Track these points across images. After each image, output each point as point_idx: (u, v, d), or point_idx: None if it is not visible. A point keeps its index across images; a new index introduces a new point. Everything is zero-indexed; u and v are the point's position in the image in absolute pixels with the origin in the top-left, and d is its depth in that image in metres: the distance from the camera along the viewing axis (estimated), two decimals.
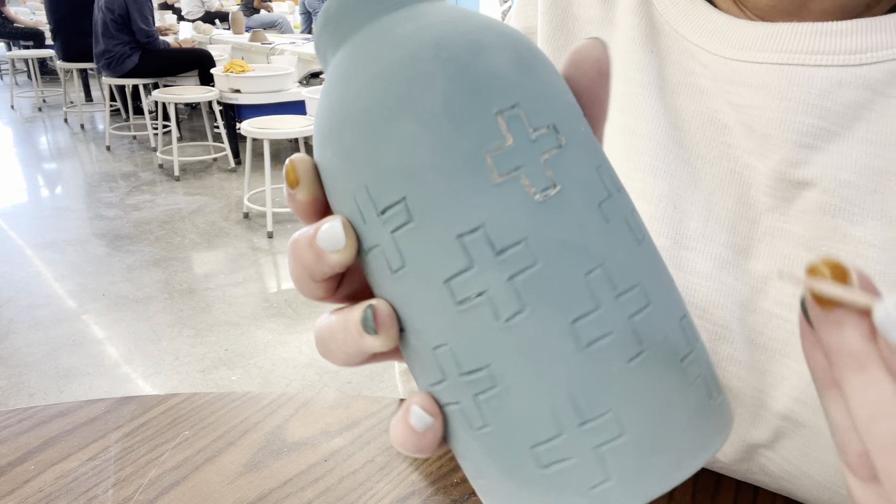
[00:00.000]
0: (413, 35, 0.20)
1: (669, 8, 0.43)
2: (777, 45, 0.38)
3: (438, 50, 0.20)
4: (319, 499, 0.47)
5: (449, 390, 0.21)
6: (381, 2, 0.22)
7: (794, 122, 0.38)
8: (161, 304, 2.55)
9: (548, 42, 0.47)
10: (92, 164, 4.39)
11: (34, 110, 6.09)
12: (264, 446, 0.52)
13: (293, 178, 0.22)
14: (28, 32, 7.07)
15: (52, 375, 2.10)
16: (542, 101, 0.20)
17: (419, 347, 0.21)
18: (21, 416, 0.56)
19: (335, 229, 0.21)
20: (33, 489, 0.48)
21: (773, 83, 0.38)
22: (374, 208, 0.20)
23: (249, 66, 4.16)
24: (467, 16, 0.21)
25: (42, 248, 3.06)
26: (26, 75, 7.76)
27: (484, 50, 0.20)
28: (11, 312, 2.48)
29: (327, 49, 0.23)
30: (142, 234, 3.20)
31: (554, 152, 0.20)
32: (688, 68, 0.42)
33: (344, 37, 0.22)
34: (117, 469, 0.50)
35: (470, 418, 0.21)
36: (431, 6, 0.22)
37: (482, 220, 0.19)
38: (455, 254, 0.20)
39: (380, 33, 0.21)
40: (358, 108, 0.20)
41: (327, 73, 0.22)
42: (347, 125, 0.20)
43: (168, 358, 2.20)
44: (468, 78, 0.20)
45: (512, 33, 0.21)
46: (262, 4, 7.52)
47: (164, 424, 0.55)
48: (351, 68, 0.21)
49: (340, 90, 0.21)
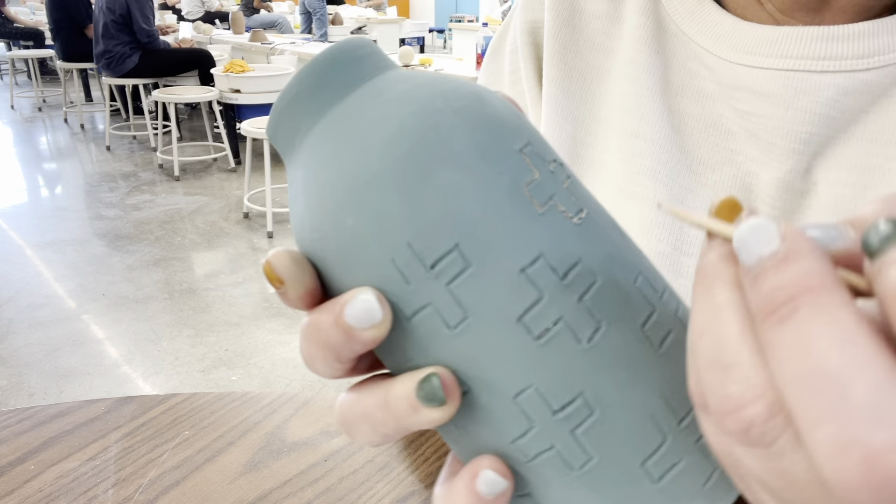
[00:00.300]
0: (414, 91, 0.21)
1: (677, 7, 0.43)
2: (783, 51, 0.38)
3: (448, 100, 0.20)
4: (319, 499, 0.47)
5: (539, 437, 0.20)
6: (358, 72, 0.22)
7: (800, 133, 0.37)
8: (161, 304, 2.55)
9: (553, 38, 0.47)
10: (92, 164, 4.39)
11: (34, 110, 6.09)
12: (264, 446, 0.52)
13: (273, 277, 0.20)
14: (28, 32, 7.07)
15: (52, 375, 2.10)
16: (541, 138, 0.22)
17: (492, 404, 0.20)
18: (21, 416, 0.56)
19: (369, 303, 0.19)
20: (33, 489, 0.48)
21: (778, 91, 0.38)
22: (421, 265, 0.19)
23: (249, 66, 4.16)
24: (444, 76, 0.22)
25: (42, 248, 3.06)
26: (26, 75, 7.76)
27: (484, 98, 0.21)
28: (11, 312, 2.48)
29: (297, 129, 0.22)
30: (142, 234, 3.20)
31: (568, 181, 0.21)
32: (693, 70, 0.42)
33: (319, 113, 0.21)
34: (117, 469, 0.50)
35: (570, 459, 0.20)
36: (402, 71, 0.22)
37: (540, 249, 0.20)
38: (523, 288, 0.19)
39: (372, 96, 0.21)
40: (384, 166, 0.19)
41: (302, 151, 0.22)
42: (374, 186, 0.19)
43: (168, 358, 2.20)
44: (487, 122, 0.20)
45: (486, 88, 0.23)
46: (262, 4, 7.52)
47: (164, 424, 0.55)
48: (355, 132, 0.20)
49: (351, 155, 0.20)
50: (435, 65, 3.75)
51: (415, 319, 0.20)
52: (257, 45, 4.98)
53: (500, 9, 6.98)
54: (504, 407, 0.20)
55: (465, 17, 7.84)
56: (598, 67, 0.46)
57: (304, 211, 0.21)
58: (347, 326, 0.19)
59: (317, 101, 0.21)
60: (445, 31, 9.03)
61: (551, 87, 0.47)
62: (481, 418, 0.20)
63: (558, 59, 0.46)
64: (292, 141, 0.22)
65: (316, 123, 0.21)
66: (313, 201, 0.20)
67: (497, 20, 6.20)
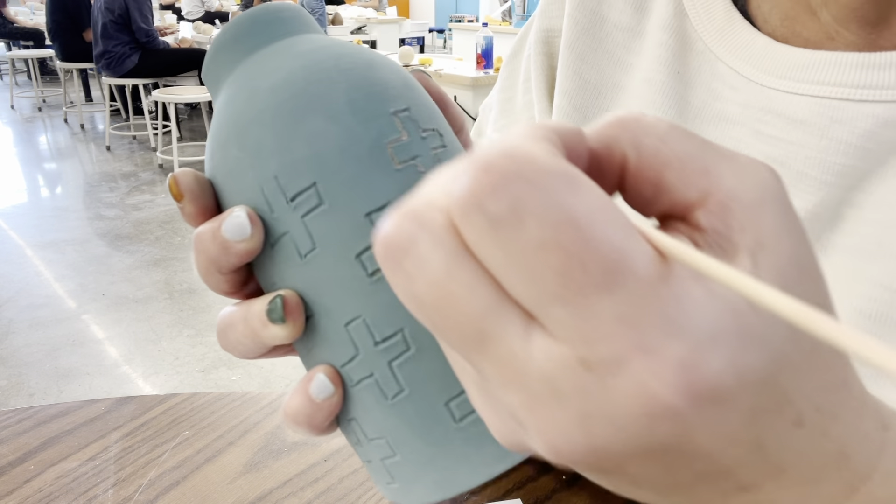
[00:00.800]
0: (313, 52, 0.24)
1: (705, 24, 0.41)
2: (819, 76, 0.35)
3: (338, 61, 0.23)
4: (319, 499, 0.47)
5: (362, 364, 0.22)
6: (276, 30, 0.25)
7: (834, 164, 0.35)
8: (161, 304, 2.55)
9: (570, 48, 0.45)
10: (92, 164, 4.39)
11: (34, 110, 6.09)
12: (264, 446, 0.52)
13: (176, 191, 0.22)
14: (28, 32, 7.07)
15: (52, 375, 2.10)
16: (426, 109, 0.24)
17: (328, 328, 0.22)
18: (21, 416, 0.56)
19: (240, 219, 0.22)
20: (33, 489, 0.48)
21: (812, 118, 0.36)
22: (283, 196, 0.22)
23: None
24: (356, 45, 0.25)
25: (42, 248, 3.06)
26: (26, 75, 7.76)
27: (375, 66, 0.24)
28: (11, 312, 2.48)
29: (220, 72, 0.25)
30: (142, 234, 3.20)
31: (440, 149, 0.23)
32: (716, 91, 0.40)
33: (237, 61, 0.25)
34: (117, 469, 0.50)
35: (385, 388, 0.22)
36: (318, 36, 0.25)
37: (387, 198, 0.22)
38: (365, 230, 0.22)
39: (277, 53, 0.24)
40: (266, 108, 0.22)
41: (221, 92, 0.25)
42: (255, 123, 0.22)
43: (168, 358, 2.20)
44: (366, 84, 0.23)
45: (395, 62, 0.25)
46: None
47: (164, 424, 0.55)
48: (253, 79, 0.23)
49: (245, 95, 0.23)
50: (435, 65, 3.75)
51: (277, 245, 0.23)
52: None
53: (501, 9, 6.98)
54: (337, 333, 0.22)
55: (465, 17, 7.85)
56: (613, 82, 0.44)
57: (209, 142, 0.24)
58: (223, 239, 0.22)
59: (235, 51, 0.25)
60: (445, 31, 9.03)
61: (562, 100, 0.45)
62: (320, 341, 0.23)
63: (572, 72, 0.45)
64: (216, 83, 0.25)
65: (232, 71, 0.25)
66: (214, 133, 0.24)
67: (497, 20, 6.20)
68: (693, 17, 0.41)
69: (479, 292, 0.15)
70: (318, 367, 0.23)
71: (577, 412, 0.15)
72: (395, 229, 0.16)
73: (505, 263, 0.14)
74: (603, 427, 0.15)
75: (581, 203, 0.14)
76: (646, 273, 0.14)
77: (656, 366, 0.14)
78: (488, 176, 0.14)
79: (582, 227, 0.14)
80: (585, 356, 0.14)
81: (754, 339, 0.15)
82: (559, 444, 0.15)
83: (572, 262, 0.14)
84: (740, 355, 0.14)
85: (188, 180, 0.23)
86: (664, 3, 0.42)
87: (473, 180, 0.14)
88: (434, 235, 0.15)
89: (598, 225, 0.14)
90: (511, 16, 6.10)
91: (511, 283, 0.15)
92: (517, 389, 0.15)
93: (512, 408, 0.16)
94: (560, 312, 0.14)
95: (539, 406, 0.15)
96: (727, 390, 0.14)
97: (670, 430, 0.14)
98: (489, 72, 3.44)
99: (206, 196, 0.23)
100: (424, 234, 0.15)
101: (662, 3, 0.43)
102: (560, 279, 0.14)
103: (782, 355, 0.15)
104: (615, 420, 0.14)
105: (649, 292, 0.14)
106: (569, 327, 0.14)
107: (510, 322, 0.15)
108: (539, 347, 0.15)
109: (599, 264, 0.14)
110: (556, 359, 0.15)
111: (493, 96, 0.55)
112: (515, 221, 0.14)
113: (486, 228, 0.14)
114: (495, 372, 0.16)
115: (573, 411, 0.15)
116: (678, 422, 0.14)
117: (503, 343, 0.15)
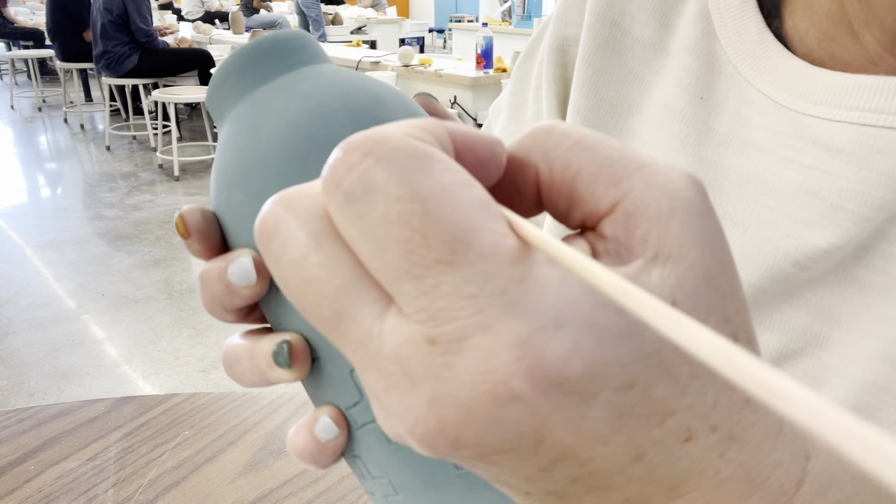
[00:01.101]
0: (319, 89, 0.23)
1: (736, 45, 0.38)
2: (859, 102, 0.33)
3: (345, 101, 0.22)
4: (319, 499, 0.47)
5: (366, 409, 0.22)
6: (281, 62, 0.24)
7: (873, 197, 0.32)
8: (161, 304, 2.55)
9: (587, 62, 0.43)
10: (92, 164, 4.39)
11: (34, 110, 6.08)
12: (264, 446, 0.52)
13: (183, 230, 0.22)
14: (28, 32, 7.07)
15: (52, 375, 2.10)
16: None
17: (333, 373, 0.22)
18: (21, 416, 0.56)
19: (245, 265, 0.21)
20: (33, 489, 0.48)
21: (850, 146, 0.33)
22: None
23: None
24: (364, 77, 0.24)
25: (42, 248, 3.06)
26: (26, 75, 7.76)
27: (383, 104, 0.23)
28: (11, 312, 2.48)
29: (224, 103, 0.24)
30: (142, 234, 3.20)
31: None
32: (744, 117, 0.37)
33: (243, 93, 0.24)
34: (117, 469, 0.50)
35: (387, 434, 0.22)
36: (329, 67, 0.25)
37: None
38: None
39: (283, 88, 0.23)
40: (271, 153, 0.22)
41: (224, 127, 0.24)
42: (261, 168, 0.22)
43: (168, 358, 2.20)
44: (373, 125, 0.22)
45: (403, 94, 0.24)
46: (262, 4, 7.52)
47: (164, 424, 0.55)
48: (258, 118, 0.23)
49: (250, 137, 0.22)
50: (435, 65, 3.75)
51: None
52: None
53: (500, 9, 6.97)
54: (342, 378, 0.22)
55: (465, 17, 7.85)
56: (629, 102, 0.42)
57: (214, 178, 0.24)
58: (228, 282, 0.22)
59: (239, 84, 0.24)
60: (445, 31, 9.03)
61: (575, 118, 0.43)
62: (326, 384, 0.23)
63: (588, 88, 0.43)
64: (221, 114, 0.25)
65: (236, 105, 0.24)
66: (219, 170, 0.23)
67: (497, 20, 6.21)
68: (723, 38, 0.39)
69: (336, 272, 0.16)
70: (323, 409, 0.23)
71: (428, 394, 0.15)
72: (266, 213, 0.16)
73: (360, 238, 0.15)
74: (452, 410, 0.14)
75: (430, 180, 0.15)
76: (492, 250, 0.14)
77: (495, 344, 0.14)
78: (348, 155, 0.15)
79: (427, 201, 0.14)
80: (431, 333, 0.14)
81: (612, 336, 0.14)
82: (416, 429, 0.15)
83: (415, 235, 0.14)
84: (591, 347, 0.14)
85: (195, 218, 0.22)
86: (691, 21, 0.40)
87: (336, 160, 0.15)
88: (299, 217, 0.16)
89: (445, 202, 0.14)
90: (511, 16, 6.10)
91: (367, 259, 0.15)
92: (374, 371, 0.15)
93: (373, 391, 0.16)
94: (407, 287, 0.15)
95: (394, 388, 0.15)
96: (576, 379, 0.14)
97: (517, 415, 0.14)
98: (489, 72, 3.44)
99: (212, 234, 0.23)
100: (290, 215, 0.16)
101: (689, 21, 0.40)
102: (405, 254, 0.14)
103: (657, 363, 0.15)
104: (462, 402, 0.14)
105: (494, 270, 0.14)
106: (416, 303, 0.14)
107: (366, 301, 0.15)
108: (391, 326, 0.15)
109: (443, 239, 0.14)
110: (405, 337, 0.15)
111: (503, 98, 0.53)
112: (365, 196, 0.15)
113: (343, 204, 0.15)
114: (355, 352, 0.16)
115: (424, 393, 0.15)
116: (523, 405, 0.14)
117: (358, 322, 0.15)
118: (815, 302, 0.34)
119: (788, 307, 0.35)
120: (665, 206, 0.16)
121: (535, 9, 5.63)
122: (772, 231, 0.35)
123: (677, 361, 0.15)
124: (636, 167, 0.16)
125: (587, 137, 0.17)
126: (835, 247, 0.33)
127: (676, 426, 0.15)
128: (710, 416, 0.16)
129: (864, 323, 0.33)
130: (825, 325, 0.34)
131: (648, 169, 0.16)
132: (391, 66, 3.80)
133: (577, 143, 0.17)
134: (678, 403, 0.15)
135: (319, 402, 0.24)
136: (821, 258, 0.33)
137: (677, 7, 0.41)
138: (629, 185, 0.16)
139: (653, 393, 0.15)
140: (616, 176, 0.16)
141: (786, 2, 0.38)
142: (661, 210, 0.16)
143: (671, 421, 0.15)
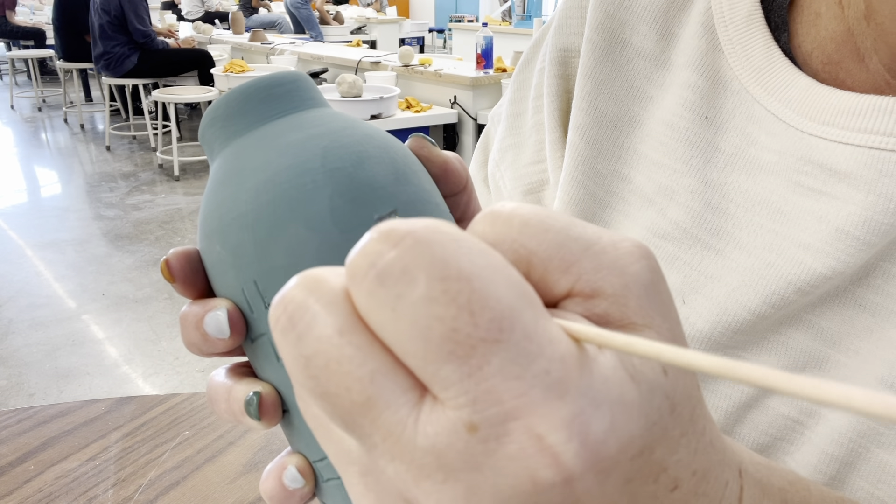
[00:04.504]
0: (301, 144, 0.22)
1: (742, 61, 0.37)
2: (868, 124, 0.32)
3: (325, 160, 0.22)
4: None
5: (330, 467, 0.23)
6: (269, 109, 0.24)
7: (880, 224, 0.31)
8: (161, 304, 2.55)
9: (587, 77, 0.41)
10: (92, 164, 4.39)
11: (34, 110, 6.08)
12: (264, 446, 0.52)
13: (168, 276, 0.23)
14: (28, 32, 7.07)
15: (52, 375, 2.10)
16: (416, 207, 0.23)
17: (301, 427, 0.23)
18: (21, 416, 0.56)
19: (220, 320, 0.22)
20: (33, 489, 0.48)
21: (858, 171, 0.32)
22: (262, 301, 0.22)
23: (249, 66, 4.16)
24: (351, 126, 0.24)
25: (42, 248, 3.06)
26: (26, 75, 7.76)
27: (365, 161, 0.22)
28: (11, 312, 2.48)
29: (213, 144, 0.25)
30: (142, 234, 3.20)
31: None
32: (751, 136, 0.36)
33: (229, 139, 0.24)
34: (117, 469, 0.50)
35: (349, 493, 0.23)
36: (318, 113, 0.24)
37: None
38: None
39: (268, 139, 0.23)
40: (248, 210, 0.22)
41: (214, 167, 0.24)
42: (237, 225, 0.22)
43: (168, 358, 2.20)
44: (351, 187, 0.22)
45: (391, 145, 0.24)
46: (261, 4, 7.52)
47: (164, 424, 0.55)
48: (240, 170, 0.23)
49: (230, 190, 0.22)
50: (435, 65, 3.75)
51: (256, 343, 0.23)
52: (257, 45, 4.98)
53: (500, 9, 6.98)
54: (310, 433, 0.22)
55: (465, 17, 7.85)
56: (630, 116, 0.41)
57: (200, 220, 0.24)
58: (203, 332, 0.22)
59: (227, 129, 0.24)
60: (445, 31, 9.03)
61: (576, 135, 0.42)
62: (295, 434, 0.23)
63: (588, 104, 0.41)
64: (211, 153, 0.25)
65: (224, 148, 0.24)
66: (203, 217, 0.23)
67: (497, 20, 6.21)
68: (729, 53, 0.37)
69: (369, 356, 0.15)
70: (292, 457, 0.23)
71: (464, 486, 0.14)
72: (290, 293, 0.16)
73: (395, 322, 0.14)
74: (489, 500, 0.14)
75: (469, 259, 0.14)
76: (534, 329, 0.14)
77: (541, 426, 0.14)
78: (381, 238, 0.15)
79: (472, 280, 0.14)
80: (473, 420, 0.14)
81: (635, 410, 0.15)
82: None
83: (462, 313, 0.14)
84: (622, 424, 0.14)
85: (179, 265, 0.23)
86: (695, 35, 0.39)
87: (367, 243, 0.15)
88: (327, 300, 0.16)
89: (489, 281, 0.14)
90: (511, 16, 6.10)
91: (401, 343, 0.15)
92: (402, 463, 0.15)
93: (399, 483, 0.15)
94: (448, 371, 0.14)
95: (425, 480, 0.15)
96: (610, 457, 0.14)
97: (554, 499, 0.14)
98: (489, 72, 3.44)
99: (197, 278, 0.23)
100: (317, 298, 0.16)
101: (692, 34, 0.39)
102: (450, 332, 0.14)
103: (660, 429, 0.15)
104: (500, 490, 0.14)
105: (537, 350, 0.14)
106: (457, 387, 0.14)
107: (400, 389, 0.15)
108: (426, 416, 0.15)
109: (490, 316, 0.14)
110: (442, 426, 0.14)
111: (502, 106, 0.52)
112: (403, 276, 0.14)
113: (375, 286, 0.15)
114: (383, 442, 0.15)
115: (460, 485, 0.14)
116: (564, 487, 0.14)
117: (391, 410, 0.15)
118: (815, 323, 0.34)
119: (787, 328, 0.35)
120: (618, 284, 0.16)
121: (535, 9, 5.64)
122: (775, 256, 0.34)
123: (672, 423, 0.16)
124: (583, 248, 0.16)
125: (532, 222, 0.16)
126: (837, 273, 0.32)
127: (667, 479, 0.16)
128: (691, 464, 0.17)
129: (866, 344, 0.32)
130: (825, 346, 0.34)
131: (595, 248, 0.16)
132: (391, 66, 3.80)
133: (522, 232, 0.16)
134: (670, 460, 0.16)
135: (292, 446, 0.24)
136: (822, 283, 0.33)
137: (679, 17, 0.40)
138: (578, 269, 0.16)
139: (652, 455, 0.15)
140: (565, 261, 0.16)
141: (793, 16, 0.36)
142: (614, 288, 0.16)
143: (664, 476, 0.16)
